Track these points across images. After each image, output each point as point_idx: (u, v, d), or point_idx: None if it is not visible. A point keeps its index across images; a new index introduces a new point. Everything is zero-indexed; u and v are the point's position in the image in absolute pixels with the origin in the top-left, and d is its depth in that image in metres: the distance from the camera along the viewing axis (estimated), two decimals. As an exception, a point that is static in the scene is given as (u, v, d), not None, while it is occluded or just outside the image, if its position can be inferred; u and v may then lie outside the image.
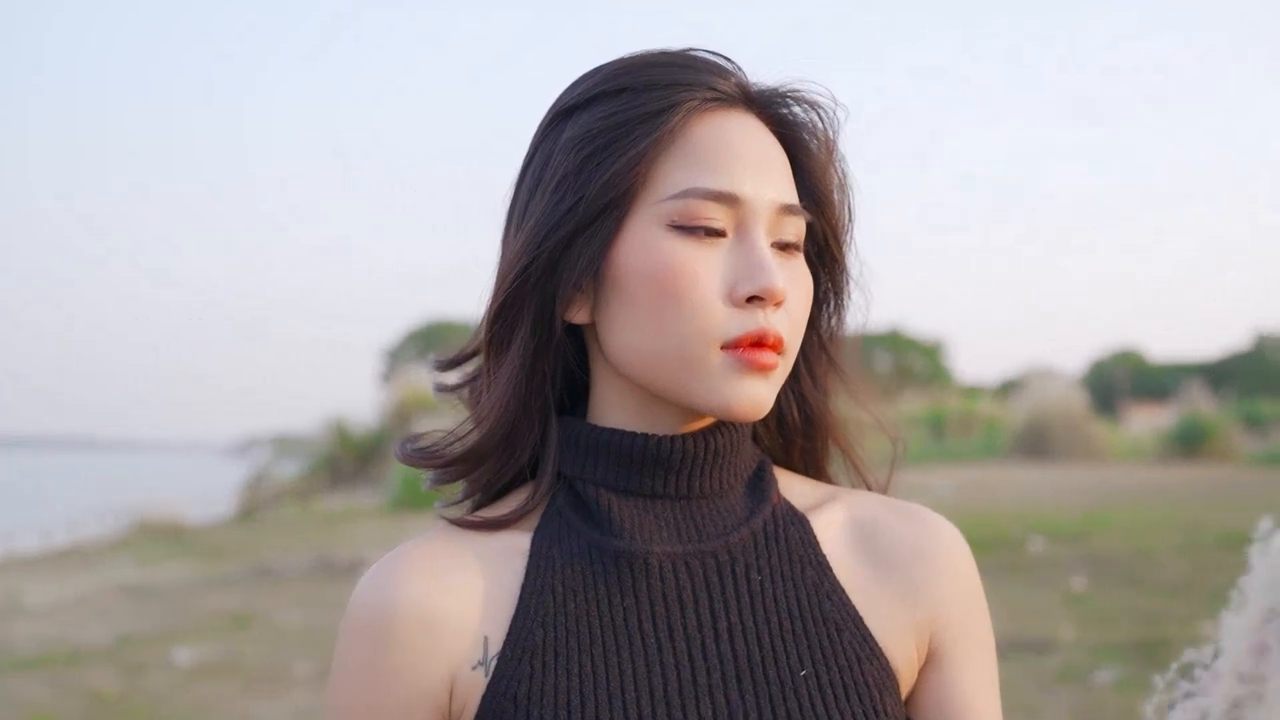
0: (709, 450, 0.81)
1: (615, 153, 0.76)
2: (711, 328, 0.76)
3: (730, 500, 0.82)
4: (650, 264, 0.76)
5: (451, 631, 0.77)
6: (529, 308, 0.79)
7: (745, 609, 0.79)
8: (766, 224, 0.79)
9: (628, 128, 0.77)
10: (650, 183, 0.77)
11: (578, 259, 0.77)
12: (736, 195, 0.77)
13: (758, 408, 0.78)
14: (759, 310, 0.77)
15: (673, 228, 0.76)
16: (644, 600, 0.77)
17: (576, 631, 0.76)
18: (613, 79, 0.79)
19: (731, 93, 0.80)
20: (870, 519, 0.86)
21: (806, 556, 0.82)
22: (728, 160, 0.77)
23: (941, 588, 0.84)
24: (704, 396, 0.77)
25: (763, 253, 0.77)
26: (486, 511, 0.82)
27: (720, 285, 0.76)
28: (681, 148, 0.77)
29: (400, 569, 0.78)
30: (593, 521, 0.80)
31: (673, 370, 0.77)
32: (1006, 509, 11.19)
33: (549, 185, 0.78)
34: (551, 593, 0.78)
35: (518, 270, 0.78)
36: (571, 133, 0.79)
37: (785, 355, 0.79)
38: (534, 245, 0.78)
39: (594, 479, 0.80)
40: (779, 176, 0.80)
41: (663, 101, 0.77)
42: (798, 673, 0.77)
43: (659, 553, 0.78)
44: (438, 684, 0.77)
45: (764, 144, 0.81)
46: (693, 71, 0.79)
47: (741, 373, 0.76)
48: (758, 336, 0.76)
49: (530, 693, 0.74)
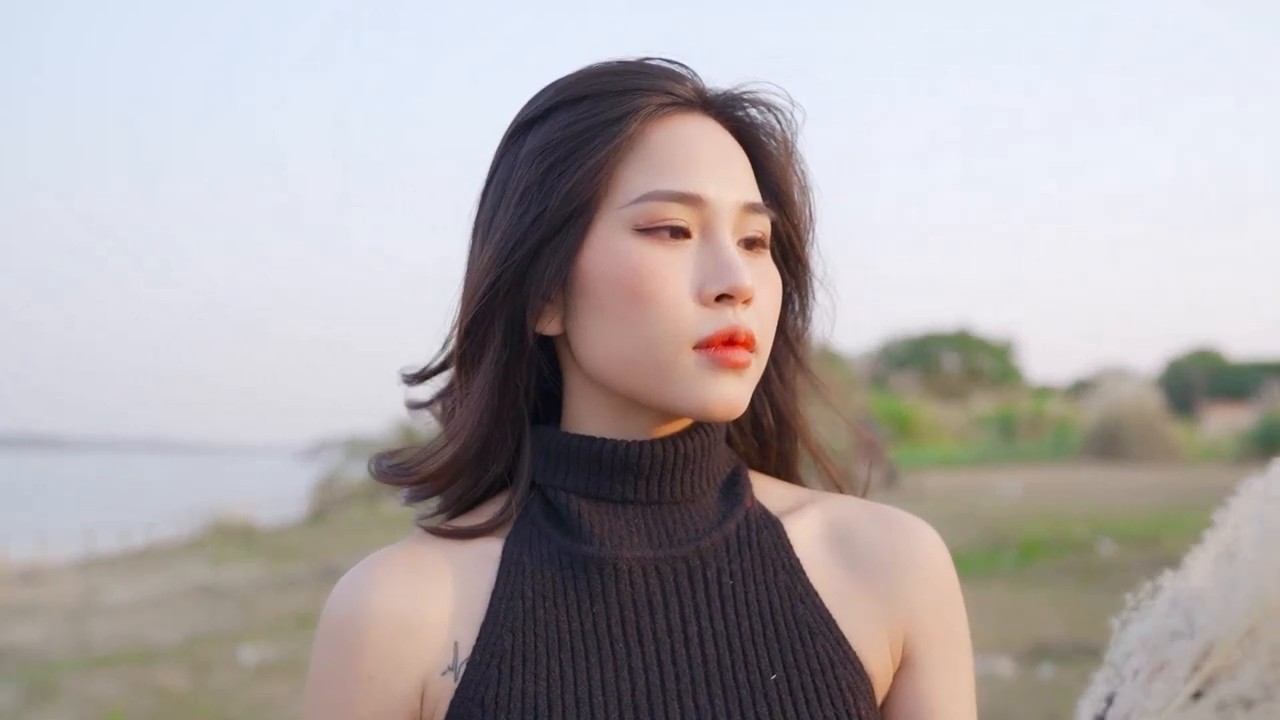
0: (679, 455, 0.80)
1: (576, 162, 0.77)
2: (682, 328, 0.76)
3: (703, 505, 0.82)
4: (617, 269, 0.76)
5: (423, 637, 0.77)
6: (499, 321, 0.79)
7: (716, 613, 0.78)
8: (731, 223, 0.78)
9: (587, 136, 0.77)
10: (613, 189, 0.77)
11: (545, 269, 0.77)
12: (699, 196, 0.77)
13: (733, 406, 0.77)
14: (729, 308, 0.76)
15: (638, 231, 0.76)
16: (613, 605, 0.77)
17: (545, 637, 0.76)
18: (570, 90, 0.79)
19: (688, 97, 0.80)
20: (847, 523, 0.85)
21: (779, 560, 0.82)
22: (687, 162, 0.77)
23: (917, 593, 0.83)
24: (679, 398, 0.76)
25: (729, 251, 0.77)
26: (462, 520, 0.83)
27: (689, 286, 0.76)
28: (641, 153, 0.77)
29: (373, 576, 0.79)
30: (564, 528, 0.80)
31: (646, 373, 0.77)
32: (1076, 511, 10.97)
33: (513, 198, 0.78)
34: (521, 598, 0.78)
35: (486, 285, 0.78)
36: (532, 144, 0.79)
37: (758, 353, 0.78)
38: (501, 259, 0.78)
39: (565, 486, 0.80)
40: (741, 176, 0.80)
41: (620, 109, 0.77)
42: (768, 677, 0.77)
43: (629, 558, 0.78)
44: (410, 689, 0.77)
45: (723, 145, 0.80)
46: (648, 78, 0.79)
47: (715, 372, 0.76)
48: (729, 334, 0.76)
49: (498, 697, 0.74)
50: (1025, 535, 9.67)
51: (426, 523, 0.83)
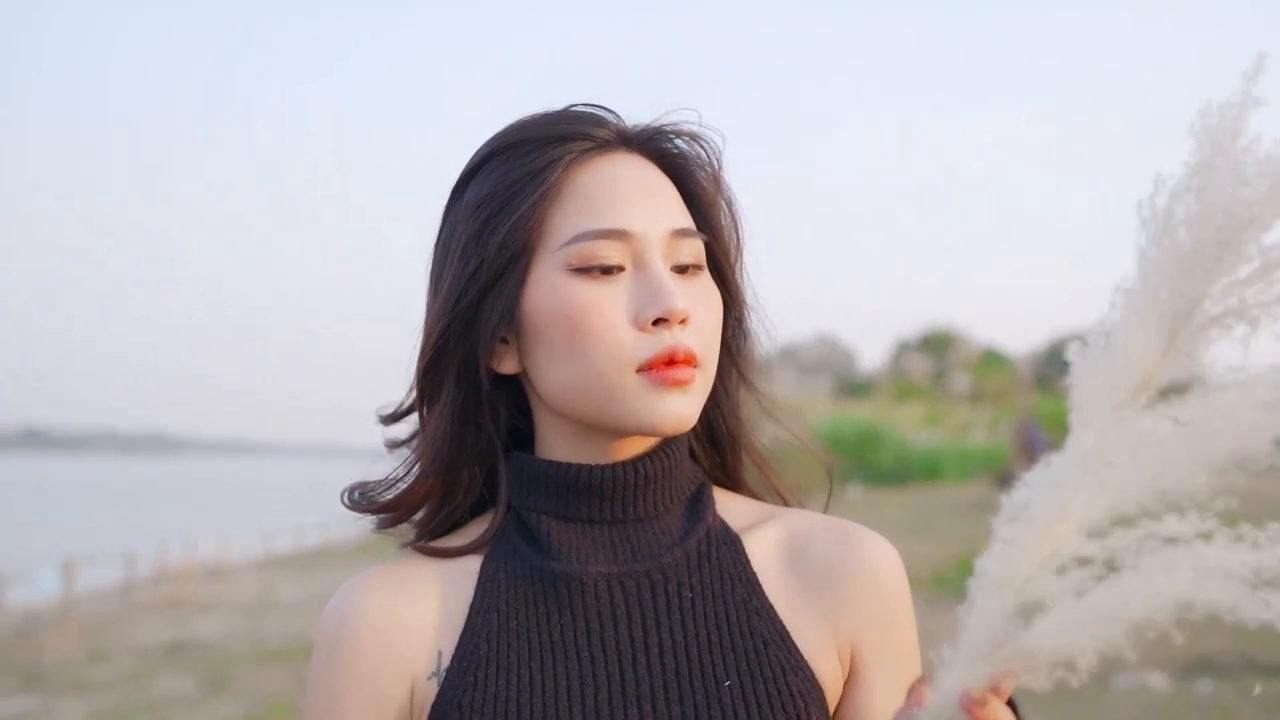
0: (641, 476, 0.85)
1: (507, 213, 0.82)
2: (624, 354, 0.81)
3: (667, 522, 0.87)
4: (558, 307, 0.82)
5: (409, 645, 0.84)
6: (452, 364, 0.85)
7: (676, 624, 0.83)
8: (662, 251, 0.83)
9: (516, 188, 0.83)
10: (546, 234, 0.83)
11: (490, 314, 0.83)
12: (626, 230, 0.82)
13: (681, 421, 0.82)
14: (665, 330, 0.81)
15: (572, 271, 0.82)
16: (579, 617, 0.83)
17: (517, 646, 0.82)
18: (498, 143, 0.86)
19: (609, 138, 0.86)
20: (802, 537, 0.89)
21: (737, 574, 0.86)
22: (613, 199, 0.83)
23: (864, 605, 0.86)
24: (629, 418, 0.82)
25: (660, 277, 0.82)
26: (447, 540, 0.89)
27: (626, 314, 0.81)
28: (569, 197, 0.83)
29: (363, 589, 0.86)
30: (536, 546, 0.85)
31: (597, 400, 0.82)
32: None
33: (456, 251, 0.85)
34: (496, 611, 0.84)
35: (438, 331, 0.84)
36: (469, 198, 0.85)
37: (702, 367, 0.83)
38: (449, 308, 0.84)
39: (537, 508, 0.86)
40: (667, 204, 0.85)
41: (544, 158, 0.83)
42: (723, 684, 0.81)
43: (594, 573, 0.83)
44: (399, 691, 0.84)
45: (648, 177, 0.85)
46: (569, 125, 0.85)
47: (659, 391, 0.81)
48: (668, 355, 0.80)
49: (474, 701, 0.80)
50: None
51: (412, 543, 0.90)
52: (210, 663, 9.96)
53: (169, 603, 15.81)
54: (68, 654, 11.67)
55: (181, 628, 12.76)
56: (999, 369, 32.24)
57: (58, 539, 25.60)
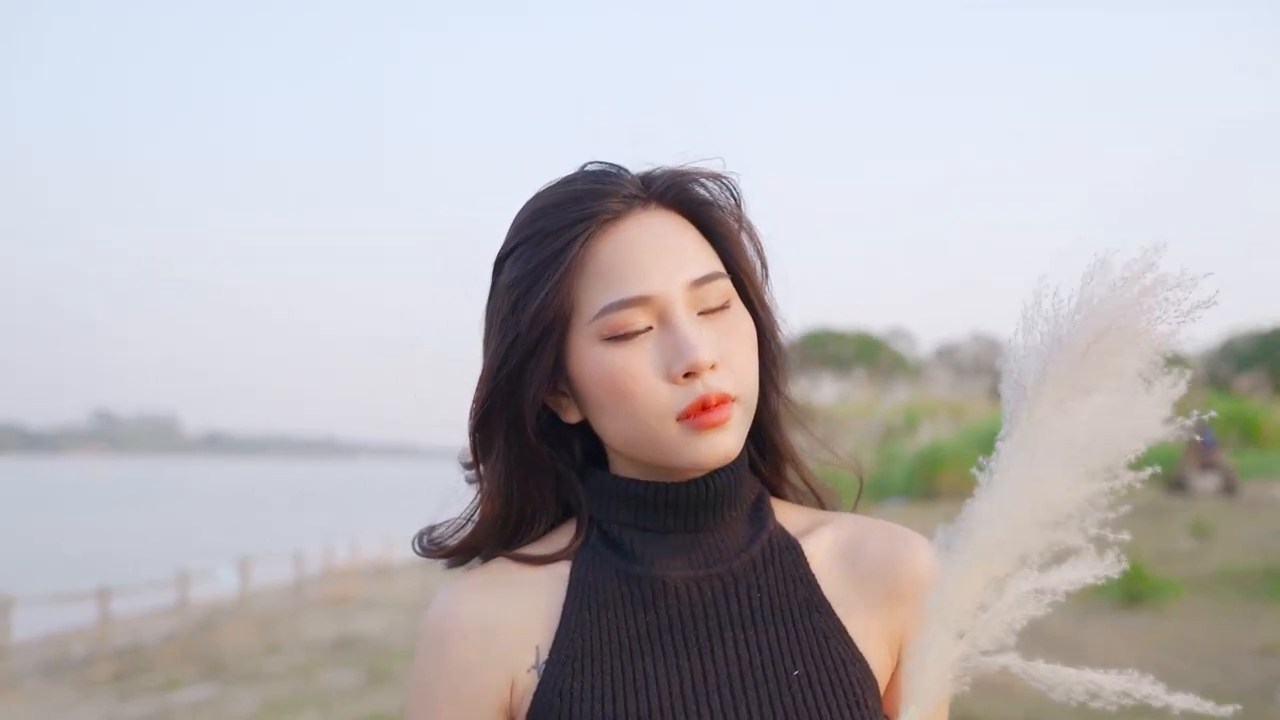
0: (709, 492, 0.93)
1: (533, 295, 0.90)
2: (662, 408, 0.88)
3: (733, 530, 0.95)
4: (598, 374, 0.90)
5: (508, 641, 0.92)
6: (500, 425, 0.94)
7: (747, 622, 0.92)
8: (684, 303, 0.90)
9: (538, 272, 0.91)
10: (578, 308, 0.91)
11: (530, 382, 0.92)
12: (646, 296, 0.89)
13: (725, 455, 0.90)
14: (696, 380, 0.88)
15: (605, 340, 0.89)
16: (663, 615, 0.91)
17: (608, 640, 0.91)
18: (526, 227, 0.93)
19: (621, 208, 0.92)
20: (853, 540, 0.98)
21: (798, 576, 0.95)
22: (631, 268, 0.89)
23: (911, 601, 0.94)
24: (680, 460, 0.90)
25: (684, 333, 0.88)
26: (535, 548, 0.97)
27: (659, 371, 0.89)
28: (592, 272, 0.90)
29: (466, 591, 0.94)
30: (620, 553, 0.94)
31: (648, 447, 0.91)
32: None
33: (495, 325, 0.94)
34: (588, 610, 0.92)
35: (484, 397, 0.94)
36: (504, 279, 0.93)
37: (740, 400, 0.90)
38: (491, 376, 0.93)
39: (618, 520, 0.95)
40: (687, 257, 0.91)
41: (563, 240, 0.90)
42: (791, 673, 0.90)
43: (675, 577, 0.92)
44: (499, 683, 0.92)
45: (666, 234, 0.92)
46: (586, 201, 0.91)
47: (700, 434, 0.89)
48: (701, 403, 0.88)
49: (573, 689, 0.89)
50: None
51: (505, 551, 0.98)
52: (373, 657, 10.40)
53: (336, 599, 16.55)
54: (244, 647, 12.35)
55: (347, 623, 13.35)
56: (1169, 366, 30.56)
57: (236, 538, 27.08)
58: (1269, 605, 7.63)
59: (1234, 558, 9.45)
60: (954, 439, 19.76)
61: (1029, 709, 5.44)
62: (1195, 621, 7.32)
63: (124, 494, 79.52)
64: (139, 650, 13.08)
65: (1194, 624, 7.26)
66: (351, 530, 22.42)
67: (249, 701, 9.05)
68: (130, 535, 35.73)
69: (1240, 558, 9.42)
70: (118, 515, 49.81)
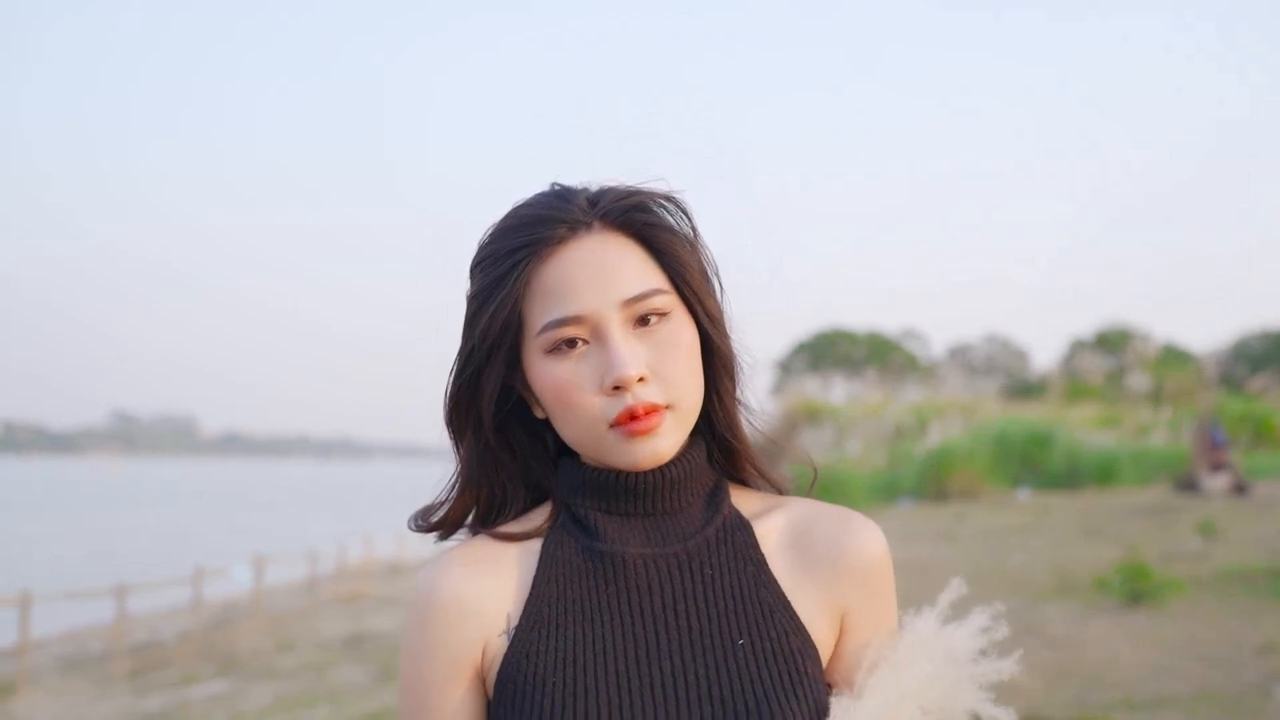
0: (666, 480, 1.03)
1: (484, 312, 1.02)
2: (597, 416, 0.99)
3: (690, 513, 1.05)
4: (543, 384, 1.01)
5: (482, 610, 1.02)
6: (467, 419, 1.05)
7: (699, 595, 1.01)
8: (618, 320, 0.99)
9: (490, 290, 1.01)
10: (526, 324, 1.01)
11: (485, 385, 1.03)
12: (580, 315, 0.99)
13: (656, 458, 1.00)
14: (625, 393, 0.98)
15: (548, 354, 1.00)
16: (623, 588, 1.01)
17: (572, 610, 1.01)
18: (488, 245, 1.04)
19: (566, 233, 1.01)
20: (804, 522, 1.07)
21: (748, 555, 1.04)
22: (568, 289, 0.99)
23: (853, 579, 1.04)
24: (616, 462, 1.01)
25: (613, 350, 0.98)
26: (513, 526, 1.08)
27: (593, 383, 0.99)
28: (536, 292, 1.01)
29: (448, 565, 1.04)
30: (586, 532, 1.04)
31: (592, 448, 1.02)
32: None
33: (463, 329, 1.05)
34: (555, 582, 1.02)
35: (449, 394, 1.05)
36: (470, 290, 1.05)
37: (674, 407, 1.00)
38: (455, 376, 1.05)
39: (585, 504, 1.05)
40: (624, 277, 1.00)
41: (510, 262, 1.01)
42: (737, 642, 0.99)
43: (634, 553, 1.02)
44: (474, 648, 1.02)
45: (605, 255, 1.00)
46: (536, 227, 1.01)
47: (631, 440, 0.99)
48: (629, 413, 0.98)
49: (538, 652, 0.99)
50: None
51: (485, 529, 1.09)
52: (384, 654, 10.51)
53: (349, 597, 16.68)
54: (258, 643, 12.49)
55: (359, 621, 13.47)
56: (1181, 367, 30.60)
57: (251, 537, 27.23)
58: (1272, 604, 7.66)
59: (1241, 557, 9.47)
60: (965, 439, 19.70)
61: (1026, 706, 5.50)
62: (1197, 620, 7.35)
63: (142, 493, 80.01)
64: (155, 646, 13.25)
65: (1196, 622, 7.28)
66: (365, 529, 22.56)
67: (262, 697, 9.17)
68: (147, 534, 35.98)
69: (1247, 557, 9.43)
70: (136, 514, 50.15)
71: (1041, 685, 5.94)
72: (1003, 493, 17.52)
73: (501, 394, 1.05)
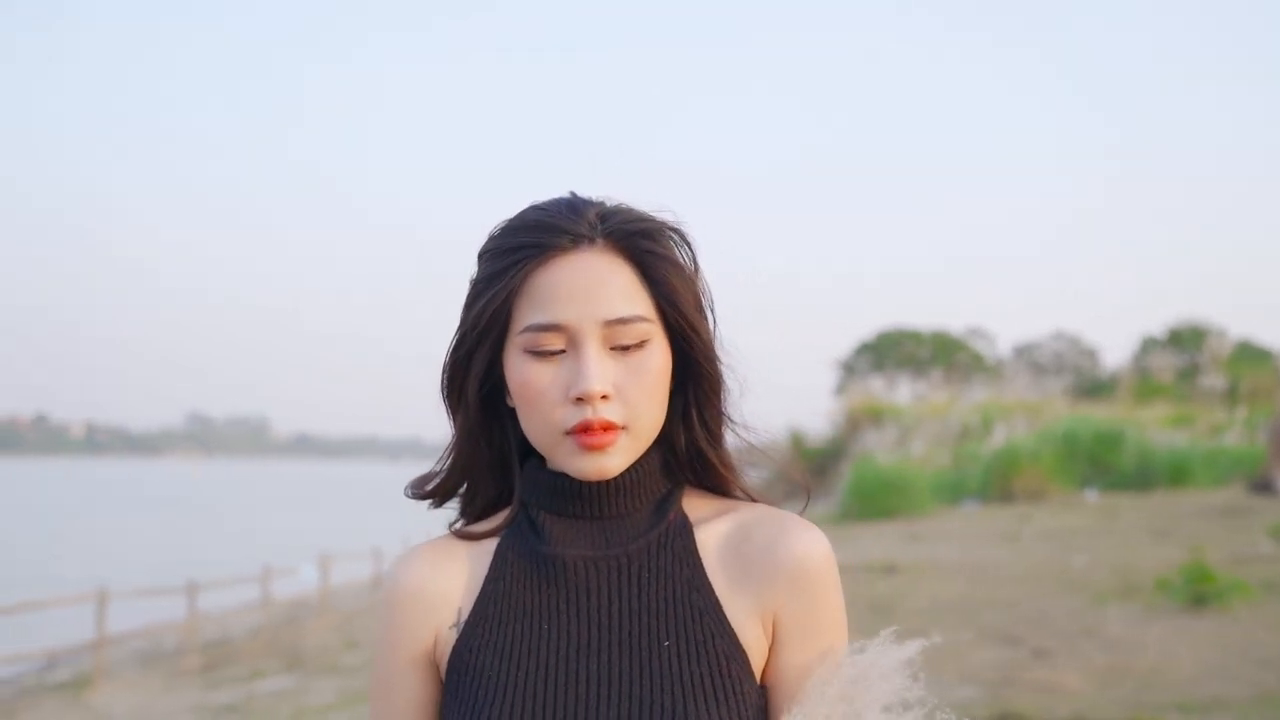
0: (614, 485, 1.08)
1: (480, 300, 1.06)
2: (556, 422, 1.04)
3: (637, 518, 1.09)
4: (516, 380, 1.05)
5: (437, 604, 1.09)
6: (459, 397, 1.10)
7: (634, 597, 1.06)
8: (597, 337, 1.03)
9: (489, 282, 1.06)
10: (512, 321, 1.05)
11: (473, 367, 1.08)
12: (560, 324, 1.03)
13: (603, 472, 1.04)
14: (587, 406, 1.02)
15: (526, 353, 1.05)
16: (562, 588, 1.06)
17: (516, 607, 1.07)
18: (497, 238, 1.08)
19: (569, 244, 1.04)
20: (747, 527, 1.09)
21: (686, 559, 1.08)
22: (555, 298, 1.03)
23: (787, 584, 1.06)
24: (565, 468, 1.06)
25: (586, 363, 1.02)
26: (477, 526, 1.15)
27: (560, 390, 1.03)
28: (526, 294, 1.05)
29: (411, 561, 1.12)
30: (536, 534, 1.09)
31: (547, 450, 1.06)
32: None
33: (462, 310, 1.09)
34: (503, 580, 1.09)
35: (445, 366, 1.10)
36: (474, 275, 1.09)
37: (630, 429, 1.04)
38: (450, 352, 1.10)
39: (539, 505, 1.10)
40: (611, 297, 1.03)
41: (510, 260, 1.05)
42: (663, 642, 1.03)
43: (574, 555, 1.07)
44: (428, 638, 1.09)
45: (598, 274, 1.04)
46: (542, 233, 1.05)
47: (582, 452, 1.03)
48: (584, 425, 1.02)
49: (481, 644, 1.06)
50: None
51: (452, 528, 1.16)
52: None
53: (413, 596, 16.84)
54: (324, 641, 12.75)
55: (423, 619, 13.62)
56: (1257, 365, 29.69)
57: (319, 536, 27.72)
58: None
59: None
60: (1031, 439, 19.39)
61: (1076, 708, 5.45)
62: (1261, 624, 7.19)
63: (217, 493, 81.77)
64: (226, 643, 13.59)
65: (1260, 626, 7.13)
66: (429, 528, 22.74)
67: (326, 692, 9.38)
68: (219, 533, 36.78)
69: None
70: (210, 514, 51.31)
71: (1094, 686, 5.88)
72: (1070, 494, 17.21)
73: (488, 376, 1.10)
